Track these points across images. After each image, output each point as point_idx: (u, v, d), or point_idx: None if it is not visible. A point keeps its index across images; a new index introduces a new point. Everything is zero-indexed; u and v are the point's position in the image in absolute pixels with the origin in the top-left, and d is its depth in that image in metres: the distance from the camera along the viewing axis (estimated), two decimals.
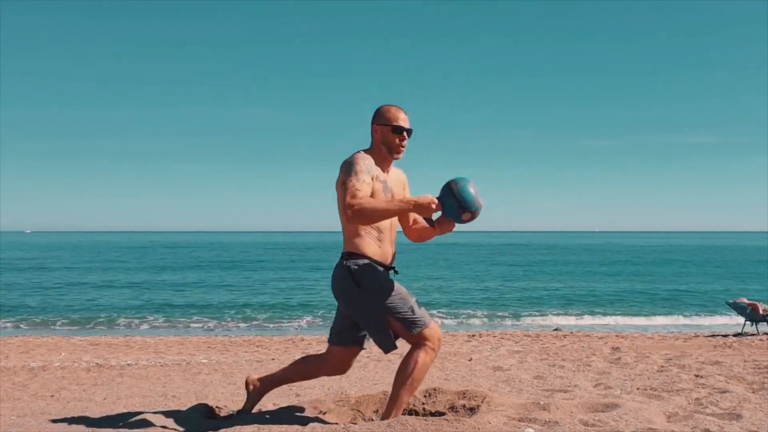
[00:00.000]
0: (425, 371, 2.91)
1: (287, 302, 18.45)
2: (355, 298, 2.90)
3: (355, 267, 2.88)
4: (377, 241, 2.95)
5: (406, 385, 2.90)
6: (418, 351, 2.89)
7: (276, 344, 9.07)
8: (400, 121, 2.98)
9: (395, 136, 2.97)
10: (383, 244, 2.97)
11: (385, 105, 3.03)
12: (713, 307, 15.94)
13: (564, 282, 24.92)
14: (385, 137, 2.97)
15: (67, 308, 17.02)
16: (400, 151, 2.99)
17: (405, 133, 2.98)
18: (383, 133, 2.97)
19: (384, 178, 2.96)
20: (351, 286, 2.88)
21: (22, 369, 6.06)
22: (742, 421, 3.09)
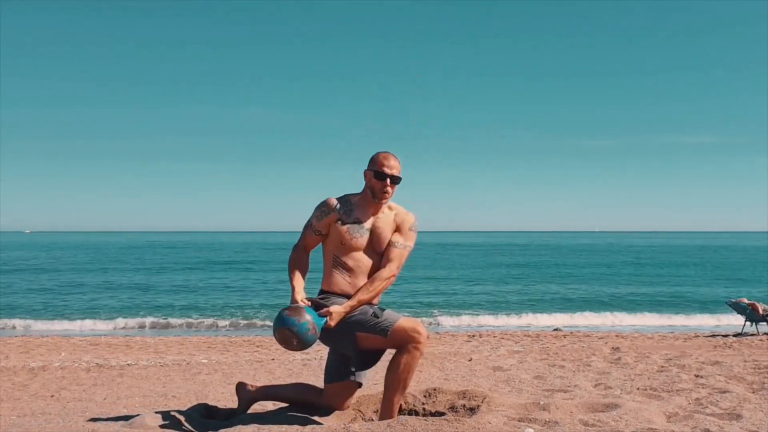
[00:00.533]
0: (411, 371, 2.95)
1: (287, 302, 18.44)
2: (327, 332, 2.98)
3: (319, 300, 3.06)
4: (349, 277, 3.08)
5: (395, 387, 2.96)
6: (403, 352, 2.92)
7: (276, 344, 9.07)
8: (384, 168, 3.07)
9: (377, 182, 3.06)
10: (355, 278, 3.08)
11: (378, 151, 3.15)
12: (713, 307, 15.94)
13: (564, 282, 24.93)
14: (369, 181, 3.10)
15: (67, 308, 17.03)
16: (383, 196, 3.08)
17: (388, 180, 3.06)
18: (369, 177, 3.10)
19: (363, 219, 3.08)
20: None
21: (22, 369, 6.06)
22: (742, 421, 3.09)
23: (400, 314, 2.99)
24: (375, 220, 3.11)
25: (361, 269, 3.09)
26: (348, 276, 3.09)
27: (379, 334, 2.92)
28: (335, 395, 3.18)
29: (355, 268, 3.09)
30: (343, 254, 3.08)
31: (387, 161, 3.09)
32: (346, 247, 3.07)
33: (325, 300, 3.05)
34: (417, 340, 2.90)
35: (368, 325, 2.94)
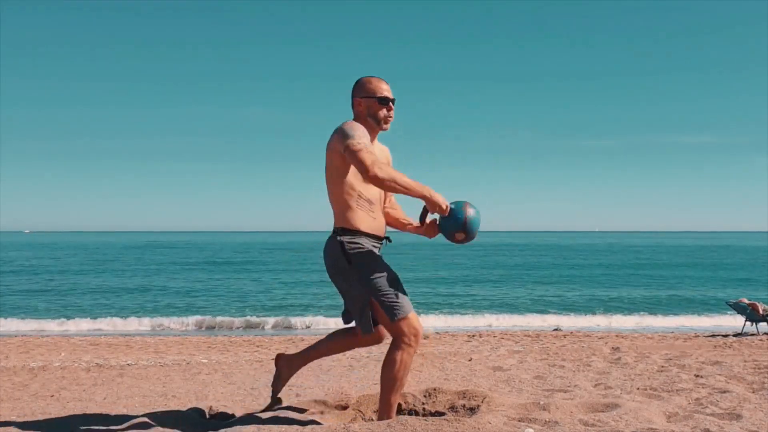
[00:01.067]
0: (406, 369, 2.86)
1: (287, 302, 18.46)
2: (344, 273, 2.86)
3: (347, 242, 2.84)
4: (369, 213, 2.90)
5: (391, 386, 2.87)
6: (397, 350, 2.83)
7: (276, 344, 9.08)
8: (384, 92, 2.93)
9: (382, 107, 2.92)
10: (376, 215, 2.93)
11: (365, 77, 2.97)
12: (713, 307, 15.94)
13: (564, 282, 24.93)
14: (371, 109, 2.92)
15: (67, 308, 17.03)
16: (389, 121, 2.96)
17: (391, 103, 2.95)
18: (368, 106, 2.92)
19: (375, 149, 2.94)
20: (342, 262, 2.84)
21: (22, 369, 6.06)
22: (742, 421, 3.09)
23: (411, 308, 2.88)
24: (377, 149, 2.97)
25: (377, 203, 2.95)
26: (371, 212, 2.90)
27: (387, 313, 2.80)
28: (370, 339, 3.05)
29: (375, 201, 2.93)
30: (366, 188, 2.88)
31: (383, 84, 2.94)
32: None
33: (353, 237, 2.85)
34: (410, 343, 2.83)
35: (384, 299, 2.80)
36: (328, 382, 4.88)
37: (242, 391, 4.55)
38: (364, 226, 2.88)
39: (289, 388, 4.64)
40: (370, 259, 2.86)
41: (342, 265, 2.86)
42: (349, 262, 2.83)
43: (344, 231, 2.87)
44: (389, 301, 2.81)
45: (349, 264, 2.83)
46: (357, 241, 2.86)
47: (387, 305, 2.81)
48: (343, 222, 2.88)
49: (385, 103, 2.92)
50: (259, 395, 4.35)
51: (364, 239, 2.87)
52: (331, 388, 4.55)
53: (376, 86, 2.93)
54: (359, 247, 2.85)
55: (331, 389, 4.51)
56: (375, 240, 2.93)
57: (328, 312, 15.87)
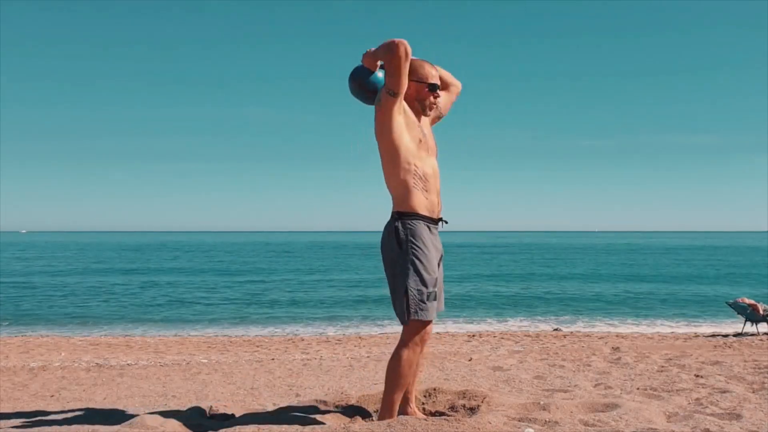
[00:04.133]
0: (411, 368, 2.86)
1: (287, 302, 18.45)
2: (392, 257, 2.84)
3: (402, 228, 2.82)
4: (424, 191, 2.87)
5: (393, 384, 2.86)
6: (403, 349, 2.83)
7: (276, 344, 9.08)
8: (434, 79, 2.93)
9: (430, 94, 2.93)
10: (430, 194, 2.89)
11: (418, 59, 2.92)
12: (713, 307, 15.94)
13: (564, 282, 24.93)
14: (419, 94, 2.92)
15: (67, 308, 17.02)
16: (433, 108, 2.98)
17: (439, 91, 2.96)
18: (418, 89, 2.91)
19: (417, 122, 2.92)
20: (394, 246, 2.83)
21: (22, 369, 6.06)
22: (742, 421, 3.09)
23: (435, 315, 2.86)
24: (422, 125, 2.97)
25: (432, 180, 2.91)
26: (424, 189, 2.87)
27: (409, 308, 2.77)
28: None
29: (429, 178, 2.89)
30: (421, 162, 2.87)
31: (434, 70, 2.94)
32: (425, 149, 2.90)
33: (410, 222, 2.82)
34: (420, 344, 2.85)
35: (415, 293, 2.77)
36: (328, 382, 4.88)
37: (242, 391, 4.55)
38: (420, 208, 2.86)
39: (289, 389, 4.64)
40: (421, 251, 2.82)
41: (393, 250, 2.84)
42: (400, 247, 2.81)
43: (401, 215, 2.84)
44: (420, 298, 2.80)
45: (399, 249, 2.81)
46: (414, 225, 2.83)
47: (414, 301, 2.79)
48: (401, 205, 2.85)
49: (434, 90, 2.94)
50: (259, 395, 4.35)
51: (420, 222, 2.84)
52: (331, 388, 4.55)
53: (428, 72, 2.93)
54: (414, 233, 2.82)
55: (331, 389, 4.51)
56: (431, 222, 2.90)
57: (328, 312, 15.87)
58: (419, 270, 2.80)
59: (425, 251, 2.83)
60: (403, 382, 2.87)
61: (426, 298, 2.81)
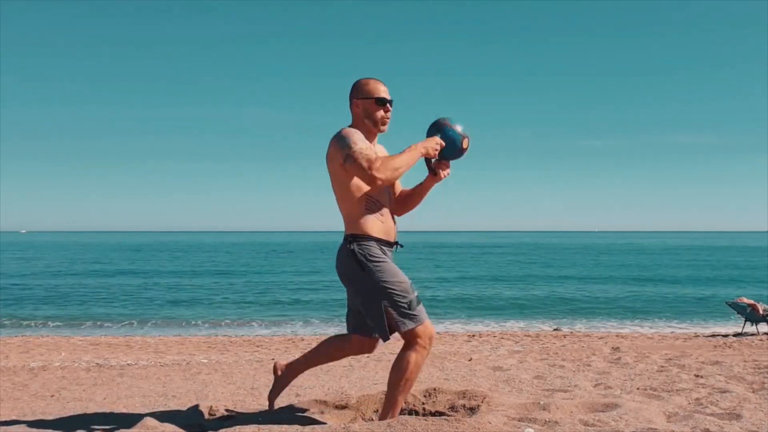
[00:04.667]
0: (418, 370, 2.86)
1: (287, 302, 18.45)
2: (357, 281, 2.84)
3: (359, 249, 2.82)
4: (380, 216, 2.88)
5: (399, 386, 2.85)
6: (410, 351, 2.82)
7: (276, 344, 9.08)
8: (381, 93, 2.91)
9: (379, 108, 2.90)
10: (385, 219, 2.91)
11: (363, 78, 2.96)
12: (713, 307, 15.94)
13: (563, 282, 24.92)
14: (368, 110, 2.91)
15: (67, 308, 17.02)
16: (386, 122, 2.95)
17: (389, 104, 2.94)
18: (366, 107, 2.91)
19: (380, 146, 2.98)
20: (355, 269, 2.82)
21: (22, 369, 6.06)
22: (742, 421, 3.09)
23: (426, 317, 2.86)
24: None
25: (387, 206, 2.93)
26: (380, 215, 2.88)
27: (401, 321, 2.79)
28: (364, 346, 3.07)
29: (384, 204, 2.91)
30: (375, 192, 2.86)
31: (381, 86, 2.93)
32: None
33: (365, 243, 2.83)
34: (428, 345, 2.86)
35: (399, 307, 2.79)
36: (328, 382, 4.88)
37: (242, 391, 4.55)
38: (375, 231, 2.86)
39: (289, 389, 4.64)
40: (383, 267, 2.83)
41: (354, 273, 2.84)
42: (362, 270, 2.81)
43: (355, 237, 2.85)
44: (405, 310, 2.81)
45: (363, 271, 2.81)
46: (369, 246, 2.83)
47: (403, 314, 2.80)
48: (354, 228, 2.86)
49: (383, 104, 2.91)
50: (259, 395, 4.35)
51: (375, 245, 2.85)
52: (331, 388, 4.55)
53: (373, 87, 2.92)
54: (371, 253, 2.83)
55: (331, 389, 4.51)
56: (386, 245, 2.91)
57: (327, 312, 15.86)
58: (391, 284, 2.81)
59: (387, 266, 2.84)
60: (409, 385, 2.87)
61: (409, 307, 2.81)
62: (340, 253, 2.91)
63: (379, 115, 2.92)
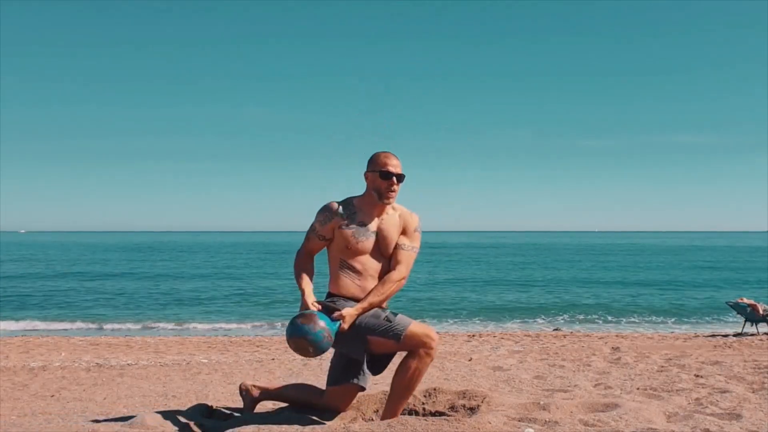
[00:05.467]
0: (420, 377, 2.94)
1: (288, 302, 18.45)
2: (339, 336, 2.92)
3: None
4: (356, 279, 3.04)
5: (402, 393, 2.96)
6: (412, 359, 2.91)
7: (276, 344, 9.08)
8: (388, 167, 3.04)
9: (383, 181, 3.03)
10: (364, 281, 3.04)
11: (378, 151, 3.10)
12: (713, 307, 15.94)
13: (563, 282, 24.92)
14: (374, 183, 3.05)
15: (67, 308, 17.02)
16: (390, 196, 3.05)
17: (394, 179, 3.03)
18: (373, 179, 3.05)
19: (368, 222, 3.05)
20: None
21: (22, 369, 6.06)
22: (742, 421, 3.09)
23: (411, 319, 2.95)
24: (380, 222, 3.07)
25: (369, 272, 3.05)
26: (357, 279, 3.04)
27: (391, 339, 2.89)
28: (337, 398, 3.17)
29: (363, 271, 3.05)
30: (350, 258, 3.03)
31: (390, 160, 3.06)
32: (352, 251, 3.02)
33: (335, 303, 2.99)
34: (429, 345, 2.90)
35: (380, 330, 2.90)
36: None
37: None
38: (350, 292, 3.03)
39: None
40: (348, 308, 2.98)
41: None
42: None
43: (329, 295, 3.08)
44: (385, 328, 2.90)
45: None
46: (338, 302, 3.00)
47: (388, 333, 2.90)
48: (332, 287, 3.09)
49: (387, 177, 3.03)
50: None
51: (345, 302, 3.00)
52: None
53: (382, 161, 3.07)
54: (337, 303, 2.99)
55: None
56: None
57: None
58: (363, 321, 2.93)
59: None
60: (412, 390, 2.99)
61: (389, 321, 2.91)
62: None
63: (383, 188, 3.04)
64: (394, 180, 3.03)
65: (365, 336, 2.92)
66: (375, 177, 3.03)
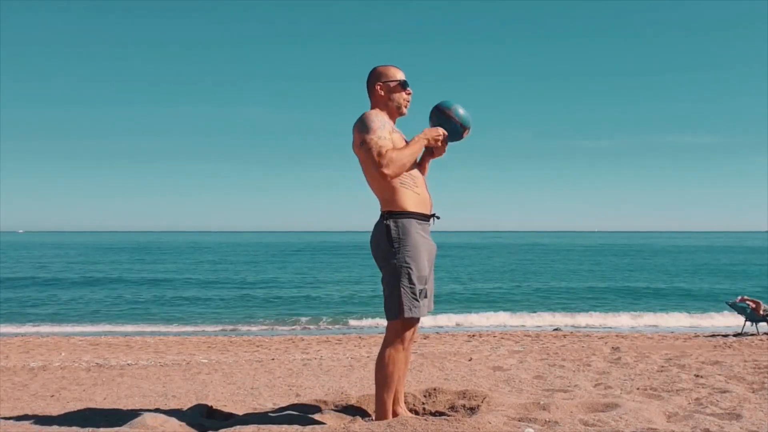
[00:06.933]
0: (398, 367, 2.86)
1: (288, 302, 18.45)
2: (385, 255, 2.85)
3: (394, 226, 2.84)
4: (414, 188, 2.91)
5: (380, 383, 2.89)
6: (385, 348, 2.87)
7: (276, 344, 9.08)
8: (403, 77, 3.01)
9: (402, 90, 2.98)
10: (420, 190, 2.93)
11: (381, 65, 3.02)
12: (713, 307, 15.94)
13: (564, 282, 24.93)
14: (392, 93, 2.98)
15: (67, 308, 17.02)
16: (407, 105, 3.03)
17: (409, 88, 3.02)
18: (389, 90, 2.97)
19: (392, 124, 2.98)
20: (385, 244, 2.85)
21: (22, 369, 6.06)
22: (742, 421, 3.09)
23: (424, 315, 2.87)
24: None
25: (419, 180, 2.96)
26: (414, 186, 2.90)
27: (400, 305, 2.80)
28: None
29: (417, 175, 2.95)
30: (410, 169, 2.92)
31: (400, 71, 3.02)
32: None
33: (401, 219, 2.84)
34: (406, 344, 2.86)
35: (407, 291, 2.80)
36: (328, 382, 4.88)
37: (242, 391, 4.55)
38: (410, 205, 2.88)
39: (289, 388, 4.64)
40: (412, 248, 2.84)
41: (385, 248, 2.86)
42: (392, 245, 2.83)
43: (391, 214, 2.86)
44: (411, 296, 2.82)
45: (392, 247, 2.83)
46: (404, 223, 2.84)
47: (407, 298, 2.81)
48: (390, 205, 2.87)
49: (405, 86, 3.00)
50: (259, 395, 4.35)
51: (411, 221, 2.86)
52: (331, 388, 4.55)
53: (395, 72, 3.00)
54: (405, 231, 2.84)
55: (331, 389, 4.51)
56: (423, 219, 2.93)
57: (326, 311, 15.86)
58: (411, 268, 2.82)
59: (416, 249, 2.85)
60: (391, 381, 2.88)
61: (417, 295, 2.83)
62: (374, 230, 2.94)
63: (403, 98, 3.00)
64: (409, 89, 3.02)
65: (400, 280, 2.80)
66: (394, 86, 2.96)
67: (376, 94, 2.99)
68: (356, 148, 2.89)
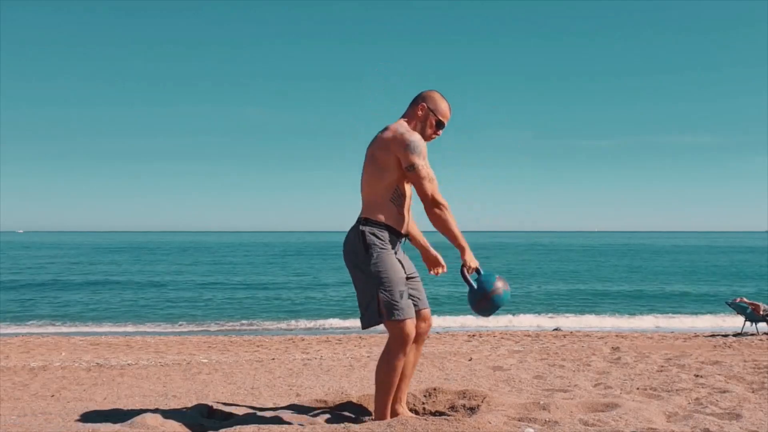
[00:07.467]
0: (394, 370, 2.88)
1: (287, 302, 18.45)
2: (359, 262, 2.89)
3: (368, 232, 2.89)
4: (401, 207, 2.97)
5: (379, 386, 2.91)
6: (385, 352, 2.90)
7: (276, 344, 9.08)
8: (446, 119, 3.06)
9: (436, 128, 3.05)
10: (405, 212, 3.00)
11: (440, 93, 3.08)
12: (713, 307, 15.94)
13: (564, 282, 24.92)
14: (428, 122, 3.02)
15: (67, 308, 17.02)
16: (429, 141, 3.06)
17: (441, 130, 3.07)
18: (428, 118, 3.02)
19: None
20: (360, 250, 2.88)
21: (22, 369, 6.06)
22: (742, 420, 3.09)
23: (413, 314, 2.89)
24: None
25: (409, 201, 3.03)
26: (400, 205, 2.97)
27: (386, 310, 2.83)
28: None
29: (408, 198, 3.01)
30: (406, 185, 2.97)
31: (449, 113, 3.08)
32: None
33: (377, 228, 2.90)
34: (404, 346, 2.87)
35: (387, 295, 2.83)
36: (328, 382, 4.88)
37: (242, 391, 4.55)
38: (391, 220, 2.94)
39: (289, 388, 4.65)
40: (386, 254, 2.89)
41: (359, 254, 2.89)
42: (366, 251, 2.87)
43: (368, 221, 2.92)
44: (391, 299, 2.84)
45: (366, 253, 2.87)
46: (378, 232, 2.90)
47: (387, 302, 2.84)
48: (371, 213, 2.93)
49: (441, 126, 3.06)
50: (259, 395, 4.36)
51: (386, 233, 2.91)
52: (331, 388, 4.55)
53: (445, 109, 3.06)
54: (379, 238, 2.89)
55: (331, 389, 4.51)
56: (396, 236, 2.97)
57: (327, 311, 15.86)
58: (388, 272, 2.86)
59: (390, 254, 2.91)
60: (390, 384, 2.91)
61: (399, 296, 2.86)
62: (349, 234, 2.97)
63: (430, 132, 3.04)
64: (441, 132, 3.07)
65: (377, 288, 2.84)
66: (432, 119, 3.02)
67: (416, 111, 3.04)
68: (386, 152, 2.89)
